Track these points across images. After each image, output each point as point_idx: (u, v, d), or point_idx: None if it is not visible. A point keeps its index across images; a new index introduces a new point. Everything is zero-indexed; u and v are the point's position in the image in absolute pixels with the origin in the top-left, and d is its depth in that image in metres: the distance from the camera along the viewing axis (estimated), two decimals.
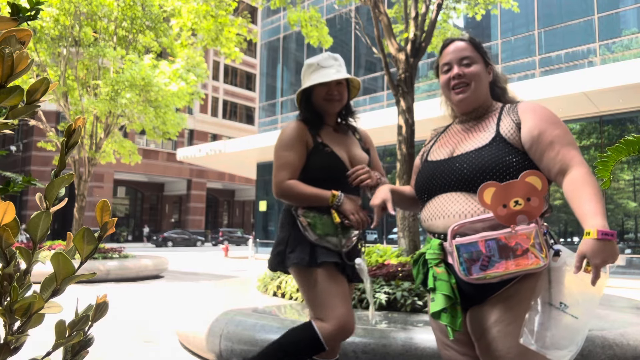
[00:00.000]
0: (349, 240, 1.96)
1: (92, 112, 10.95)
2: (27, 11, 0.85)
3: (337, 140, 2.06)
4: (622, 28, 16.37)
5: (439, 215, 1.45)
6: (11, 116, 0.65)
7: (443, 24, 8.32)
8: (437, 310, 1.35)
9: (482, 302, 1.37)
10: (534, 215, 1.29)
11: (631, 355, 2.70)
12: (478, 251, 1.30)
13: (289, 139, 1.99)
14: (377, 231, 19.29)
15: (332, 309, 1.87)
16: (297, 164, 1.97)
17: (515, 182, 1.30)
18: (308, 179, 1.97)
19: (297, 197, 1.93)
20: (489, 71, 1.57)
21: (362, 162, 2.04)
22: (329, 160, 1.97)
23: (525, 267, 1.27)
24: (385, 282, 3.83)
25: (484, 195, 1.31)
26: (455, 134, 1.58)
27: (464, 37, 1.59)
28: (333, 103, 2.03)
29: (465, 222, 1.36)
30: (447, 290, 1.35)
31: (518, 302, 1.31)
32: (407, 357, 2.60)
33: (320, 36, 8.11)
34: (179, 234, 30.75)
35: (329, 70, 2.01)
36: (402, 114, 5.62)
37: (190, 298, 4.32)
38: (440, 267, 1.40)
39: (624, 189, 13.34)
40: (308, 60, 2.08)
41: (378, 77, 23.04)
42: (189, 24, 8.08)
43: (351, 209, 1.90)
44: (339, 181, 1.96)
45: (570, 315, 1.23)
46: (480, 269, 1.29)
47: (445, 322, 1.34)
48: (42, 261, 0.74)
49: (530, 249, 1.26)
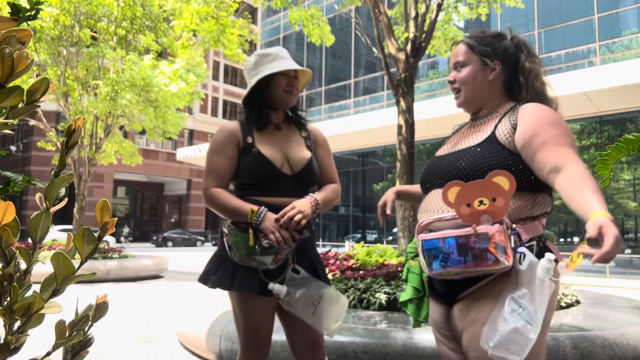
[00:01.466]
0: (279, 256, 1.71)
1: (92, 112, 10.96)
2: (27, 11, 0.85)
3: (275, 139, 1.87)
4: (622, 28, 16.37)
5: (423, 209, 1.50)
6: (11, 116, 0.65)
7: (445, 25, 8.32)
8: (404, 300, 1.48)
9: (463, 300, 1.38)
10: (499, 216, 1.27)
11: (631, 355, 2.70)
12: (437, 248, 1.31)
13: (217, 142, 1.83)
14: (377, 231, 19.28)
15: (244, 348, 1.80)
16: (225, 169, 1.80)
17: (481, 182, 1.28)
18: (241, 186, 1.83)
19: (219, 208, 1.76)
20: (493, 68, 1.51)
21: (300, 162, 1.84)
22: (254, 163, 1.78)
23: (484, 268, 1.26)
24: (385, 282, 3.83)
25: (448, 194, 1.31)
26: (464, 131, 1.59)
27: (465, 37, 1.58)
28: (292, 95, 1.88)
29: (432, 219, 1.39)
30: (417, 283, 1.46)
31: (489, 302, 1.32)
32: (407, 357, 2.60)
33: (322, 34, 8.11)
34: (179, 234, 30.74)
35: (289, 62, 1.86)
36: (402, 114, 5.62)
37: (190, 298, 4.32)
38: (415, 261, 1.48)
39: (624, 189, 13.34)
40: (262, 50, 1.90)
41: (378, 77, 23.05)
42: (190, 25, 8.08)
43: (271, 227, 1.68)
44: (270, 185, 1.79)
45: (525, 321, 1.21)
46: (440, 266, 1.31)
47: (410, 312, 1.46)
48: (42, 261, 0.74)
49: (489, 250, 1.24)
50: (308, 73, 1.98)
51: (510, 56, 1.51)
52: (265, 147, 1.81)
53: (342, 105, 24.67)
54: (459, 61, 1.53)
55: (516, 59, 1.51)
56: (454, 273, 1.30)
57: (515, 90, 1.52)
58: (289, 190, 1.81)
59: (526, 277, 1.26)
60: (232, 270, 1.74)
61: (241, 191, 1.83)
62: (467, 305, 1.36)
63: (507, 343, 1.21)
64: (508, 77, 1.52)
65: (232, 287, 1.74)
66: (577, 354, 2.59)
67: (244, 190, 1.82)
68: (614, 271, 12.01)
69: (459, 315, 1.39)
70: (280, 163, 1.81)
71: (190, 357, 3.62)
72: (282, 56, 1.88)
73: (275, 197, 1.79)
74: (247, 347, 1.80)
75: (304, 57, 26.71)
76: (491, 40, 1.53)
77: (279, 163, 1.81)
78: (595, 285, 9.13)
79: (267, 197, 1.78)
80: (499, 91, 1.53)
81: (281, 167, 1.81)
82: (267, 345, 1.81)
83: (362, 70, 24.05)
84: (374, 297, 3.62)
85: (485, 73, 1.51)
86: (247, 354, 1.81)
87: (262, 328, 1.78)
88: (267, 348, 1.81)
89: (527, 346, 1.20)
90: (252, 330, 1.78)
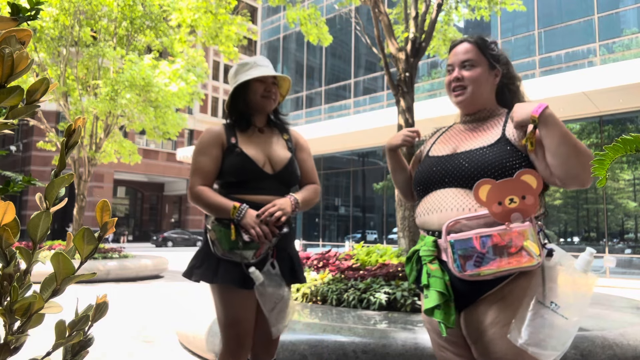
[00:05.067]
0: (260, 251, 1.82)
1: (92, 112, 10.96)
2: (27, 11, 0.85)
3: (258, 140, 1.97)
4: (622, 28, 16.37)
5: (434, 209, 1.45)
6: (11, 116, 0.65)
7: (444, 26, 8.31)
8: (430, 306, 1.35)
9: (477, 302, 1.37)
10: (528, 213, 1.29)
11: (631, 355, 2.70)
12: (472, 248, 1.29)
13: (203, 143, 1.93)
14: (377, 231, 19.28)
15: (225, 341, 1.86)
16: (210, 168, 1.90)
17: (511, 180, 1.30)
18: (226, 185, 1.92)
19: (204, 204, 1.86)
20: (496, 74, 1.55)
21: (281, 162, 1.94)
22: (237, 161, 1.88)
23: (519, 265, 1.26)
24: (385, 282, 3.83)
25: (480, 192, 1.31)
26: (458, 133, 1.59)
27: (471, 37, 1.57)
28: (270, 100, 1.98)
29: (460, 218, 1.36)
30: (441, 287, 1.35)
31: (512, 302, 1.31)
32: (407, 357, 2.60)
33: (320, 34, 8.10)
34: (179, 234, 30.75)
35: (266, 69, 1.97)
36: (402, 114, 5.62)
37: (190, 298, 4.32)
38: (434, 264, 1.39)
39: (624, 189, 13.34)
40: (242, 60, 2.02)
41: (378, 77, 23.05)
42: (188, 20, 8.07)
43: (252, 222, 1.77)
44: (253, 184, 1.88)
45: (561, 316, 1.22)
46: (474, 266, 1.29)
47: (439, 319, 1.33)
48: (42, 261, 0.74)
49: (524, 247, 1.26)
50: (287, 80, 2.07)
51: (505, 65, 1.58)
52: (247, 148, 1.92)
53: (342, 105, 24.67)
54: (470, 60, 1.53)
55: (508, 68, 1.59)
56: (488, 273, 1.29)
57: (505, 97, 1.59)
58: (270, 189, 1.90)
59: (555, 273, 1.28)
60: (215, 264, 1.84)
61: (225, 190, 1.93)
62: (486, 307, 1.35)
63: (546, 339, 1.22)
64: (501, 83, 1.58)
65: (214, 279, 1.82)
66: (577, 354, 2.59)
67: (228, 189, 1.91)
68: (614, 271, 12.01)
69: (476, 317, 1.37)
70: (262, 162, 1.91)
71: (190, 357, 3.62)
72: (260, 64, 1.99)
73: (258, 195, 1.88)
74: (229, 340, 1.85)
75: (304, 57, 26.71)
76: (492, 45, 1.57)
77: (260, 162, 1.90)
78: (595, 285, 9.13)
79: (250, 195, 1.87)
80: (493, 96, 1.58)
81: (263, 166, 1.91)
82: (249, 338, 1.86)
83: (362, 70, 24.05)
84: (374, 297, 3.62)
85: (491, 76, 1.55)
86: (228, 348, 1.85)
87: (243, 320, 1.84)
88: (248, 341, 1.86)
89: (567, 340, 1.22)
90: (232, 322, 1.84)
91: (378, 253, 4.83)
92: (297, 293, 4.06)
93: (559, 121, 1.34)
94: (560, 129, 1.32)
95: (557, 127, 1.32)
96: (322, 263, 4.62)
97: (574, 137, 1.32)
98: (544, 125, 1.33)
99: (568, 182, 1.34)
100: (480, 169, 1.39)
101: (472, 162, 1.41)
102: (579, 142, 1.33)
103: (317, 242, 20.41)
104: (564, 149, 1.31)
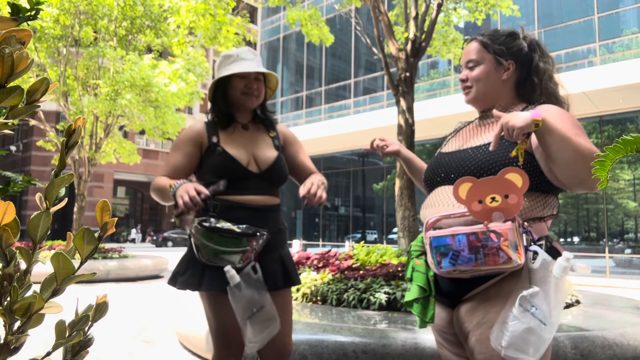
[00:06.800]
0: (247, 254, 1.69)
1: (92, 112, 10.96)
2: (27, 11, 0.85)
3: (242, 138, 1.88)
4: (622, 28, 16.37)
5: (429, 204, 1.46)
6: (11, 116, 0.65)
7: (445, 27, 8.32)
8: (409, 299, 1.38)
9: (466, 302, 1.36)
10: (511, 213, 1.24)
11: (631, 355, 2.70)
12: (447, 245, 1.27)
13: (179, 140, 1.89)
14: (377, 231, 19.29)
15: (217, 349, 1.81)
16: (180, 165, 1.83)
17: (494, 178, 1.26)
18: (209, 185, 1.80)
19: (153, 190, 1.81)
20: (507, 67, 1.48)
21: (267, 160, 1.85)
22: (218, 161, 1.80)
23: (495, 266, 1.23)
24: (385, 282, 3.83)
25: (460, 189, 1.27)
26: (471, 129, 1.57)
27: (479, 35, 1.54)
28: (251, 97, 1.87)
29: (441, 215, 1.35)
30: (423, 281, 1.37)
31: (497, 303, 1.29)
32: (407, 357, 2.60)
33: (321, 34, 8.10)
34: (179, 234, 30.72)
35: (249, 63, 1.86)
36: (402, 114, 5.62)
37: (190, 298, 4.32)
38: (420, 259, 1.40)
39: (624, 189, 13.34)
40: (226, 52, 1.90)
41: (378, 77, 23.04)
42: (186, 22, 8.07)
43: (181, 192, 1.64)
44: (238, 184, 1.79)
45: (539, 321, 1.18)
46: (450, 263, 1.27)
47: (415, 312, 1.37)
48: (42, 261, 0.74)
49: (502, 248, 1.21)
50: (274, 76, 1.98)
51: (524, 56, 1.49)
52: (230, 146, 1.83)
53: (342, 105, 24.66)
54: (472, 59, 1.51)
55: (530, 59, 1.49)
56: (464, 271, 1.27)
57: (527, 91, 1.50)
58: (257, 188, 1.81)
59: (539, 276, 1.23)
60: (200, 271, 1.75)
61: None
62: (474, 307, 1.33)
63: (521, 343, 1.18)
64: (521, 77, 1.50)
65: (200, 287, 1.75)
66: (577, 354, 2.59)
67: None
68: (614, 271, 12.01)
69: (464, 317, 1.36)
70: (246, 161, 1.82)
71: (190, 357, 3.62)
72: (244, 57, 1.87)
73: (244, 195, 1.79)
74: (220, 348, 1.80)
75: (304, 57, 26.70)
76: (505, 39, 1.50)
77: (244, 161, 1.82)
78: (595, 285, 9.13)
79: (236, 196, 1.78)
80: (510, 91, 1.51)
81: (247, 165, 1.82)
82: (240, 345, 1.79)
83: (362, 70, 24.04)
84: (374, 297, 3.62)
85: (498, 72, 1.49)
86: (219, 354, 1.81)
87: (232, 328, 1.75)
88: (240, 348, 1.80)
89: (542, 346, 1.18)
90: (223, 329, 1.78)
91: (378, 253, 4.83)
92: (297, 293, 4.06)
93: (556, 125, 1.25)
94: (559, 133, 1.23)
95: (555, 132, 1.24)
96: (322, 263, 4.62)
97: (574, 140, 1.23)
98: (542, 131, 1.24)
99: (574, 187, 1.29)
100: (483, 165, 1.36)
101: (475, 158, 1.39)
102: (581, 144, 1.23)
103: (317, 242, 20.41)
104: (565, 154, 1.23)
